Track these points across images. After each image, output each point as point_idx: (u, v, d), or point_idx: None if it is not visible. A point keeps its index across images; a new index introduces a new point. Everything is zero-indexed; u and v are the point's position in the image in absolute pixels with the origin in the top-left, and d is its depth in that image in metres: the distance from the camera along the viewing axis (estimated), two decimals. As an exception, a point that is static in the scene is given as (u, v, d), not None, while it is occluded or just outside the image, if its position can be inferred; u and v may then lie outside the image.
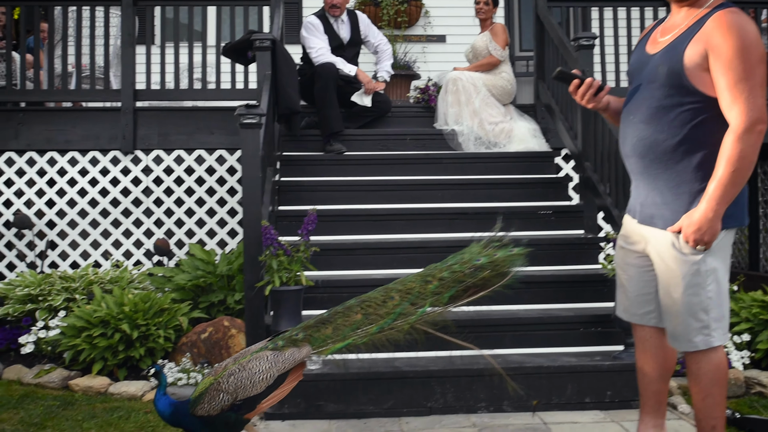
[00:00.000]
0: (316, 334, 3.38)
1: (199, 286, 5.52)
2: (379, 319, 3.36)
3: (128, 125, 6.53)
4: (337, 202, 5.77)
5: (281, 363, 3.27)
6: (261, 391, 3.24)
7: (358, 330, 3.36)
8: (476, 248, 3.50)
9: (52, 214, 6.53)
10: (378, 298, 3.45)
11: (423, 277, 3.44)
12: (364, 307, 3.42)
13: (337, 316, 3.44)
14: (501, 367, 4.14)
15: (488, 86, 6.84)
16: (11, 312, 5.44)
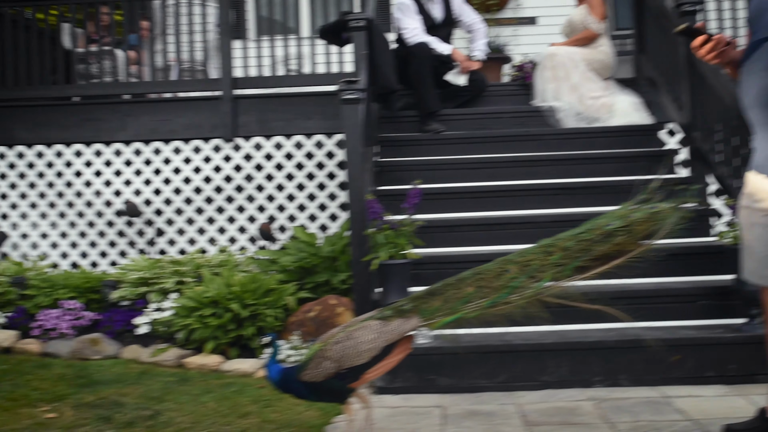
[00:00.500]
0: (425, 306, 3.29)
1: (303, 268, 5.59)
2: (493, 292, 3.22)
3: (228, 113, 6.66)
4: (436, 181, 5.74)
5: (387, 333, 3.23)
6: (366, 361, 3.21)
7: (469, 303, 3.24)
8: (613, 213, 3.26)
9: (160, 202, 6.72)
10: (493, 270, 3.29)
11: (544, 248, 3.24)
12: (477, 280, 3.28)
13: (447, 288, 3.33)
14: (616, 339, 4.08)
15: (587, 60, 6.69)
16: (126, 295, 5.63)
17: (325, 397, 3.36)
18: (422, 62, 6.37)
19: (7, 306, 5.76)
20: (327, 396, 3.34)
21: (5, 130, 6.87)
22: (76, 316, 5.52)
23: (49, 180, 6.83)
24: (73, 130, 6.80)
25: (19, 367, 4.94)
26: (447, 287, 3.33)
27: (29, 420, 3.94)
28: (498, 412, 3.76)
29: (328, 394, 3.31)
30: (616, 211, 3.25)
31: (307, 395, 3.33)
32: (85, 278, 5.89)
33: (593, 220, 3.27)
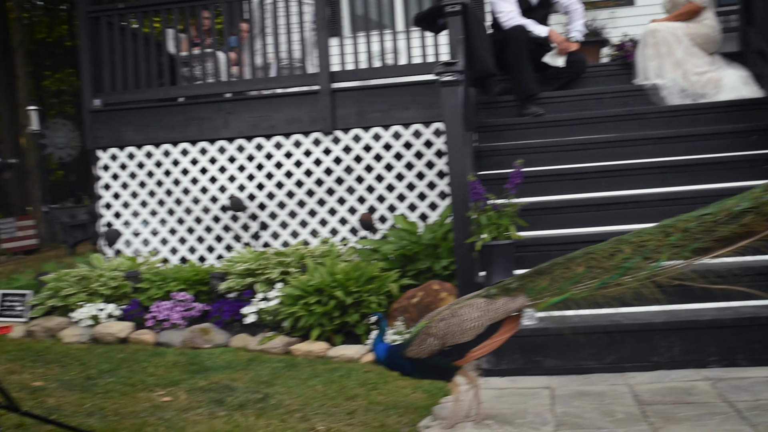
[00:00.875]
0: (532, 285, 3.24)
1: (405, 255, 5.60)
2: (604, 273, 3.13)
3: (327, 107, 6.74)
4: (537, 164, 5.64)
5: (492, 312, 3.20)
6: (470, 339, 3.19)
7: (578, 284, 3.16)
8: (744, 195, 3.09)
9: (263, 197, 6.87)
10: (605, 250, 3.19)
11: (662, 228, 3.14)
12: (588, 260, 3.20)
13: (556, 267, 3.26)
14: (732, 318, 3.91)
15: (690, 35, 6.43)
16: (233, 286, 5.78)
17: (429, 374, 3.36)
18: (519, 45, 6.28)
19: (122, 299, 6.00)
20: (432, 373, 3.34)
21: (116, 132, 7.16)
22: (187, 307, 5.70)
23: (158, 179, 7.08)
24: (178, 130, 7.03)
25: (135, 355, 5.14)
26: (555, 266, 3.27)
27: (147, 403, 4.10)
28: (608, 392, 3.66)
29: (433, 371, 3.32)
30: (748, 193, 3.09)
31: (412, 372, 3.34)
32: (194, 271, 6.08)
33: (721, 202, 3.12)
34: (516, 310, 3.24)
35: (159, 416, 3.84)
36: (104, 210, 7.16)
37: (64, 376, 4.72)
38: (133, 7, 7.36)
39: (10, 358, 5.15)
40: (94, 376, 4.69)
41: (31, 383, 4.59)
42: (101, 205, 7.18)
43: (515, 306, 3.22)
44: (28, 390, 4.44)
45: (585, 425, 3.17)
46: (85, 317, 5.72)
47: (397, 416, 3.63)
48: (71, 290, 5.96)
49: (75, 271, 6.17)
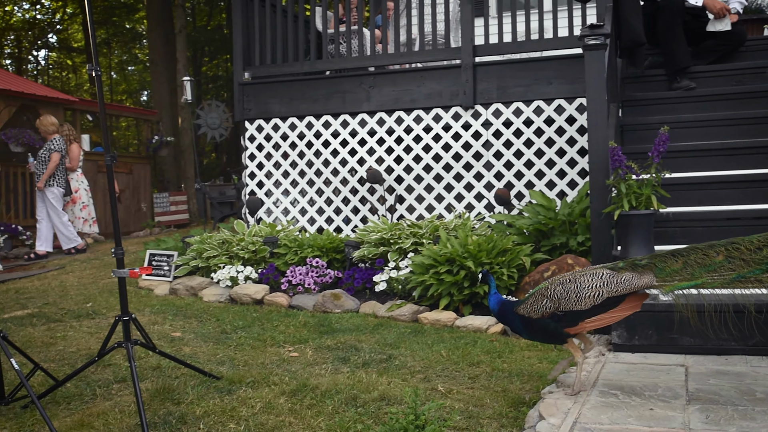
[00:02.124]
0: (662, 265, 3.05)
1: (539, 231, 5.46)
2: (744, 266, 2.90)
3: (468, 81, 6.66)
4: (686, 139, 5.36)
5: (615, 285, 3.03)
6: (585, 308, 3.05)
7: (713, 273, 2.95)
8: None
9: (400, 170, 6.88)
10: (753, 242, 2.96)
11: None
12: (731, 250, 2.96)
13: (693, 251, 3.05)
14: None
15: None
16: (366, 254, 5.82)
17: (538, 335, 3.25)
18: (672, 16, 5.95)
19: (260, 263, 6.17)
20: (540, 335, 3.24)
21: (263, 104, 7.38)
22: (320, 273, 5.79)
23: (300, 150, 7.24)
24: (321, 103, 7.16)
25: (268, 315, 5.27)
26: (693, 251, 3.06)
27: (275, 357, 4.19)
28: (749, 373, 3.41)
29: (542, 333, 3.21)
30: None
31: (521, 330, 3.26)
32: (329, 239, 6.17)
33: None
34: (640, 288, 3.04)
35: (285, 368, 3.91)
36: (248, 179, 7.40)
37: (201, 329, 4.92)
38: (283, -18, 7.55)
39: (153, 311, 5.41)
40: (228, 330, 4.85)
41: (171, 333, 4.80)
42: (246, 175, 7.42)
43: (640, 283, 3.03)
44: (167, 339, 4.65)
45: (720, 402, 2.95)
46: (224, 278, 5.93)
47: (521, 383, 3.53)
48: (213, 252, 6.20)
49: (218, 236, 6.41)
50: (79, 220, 9.91)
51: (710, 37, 6.23)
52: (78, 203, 9.93)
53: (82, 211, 9.97)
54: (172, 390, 3.49)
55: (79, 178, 9.99)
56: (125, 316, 3.32)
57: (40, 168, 9.04)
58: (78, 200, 9.92)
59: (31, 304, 5.88)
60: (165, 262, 6.47)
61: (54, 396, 3.49)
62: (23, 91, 11.80)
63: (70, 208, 9.76)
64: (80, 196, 9.93)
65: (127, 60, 28.99)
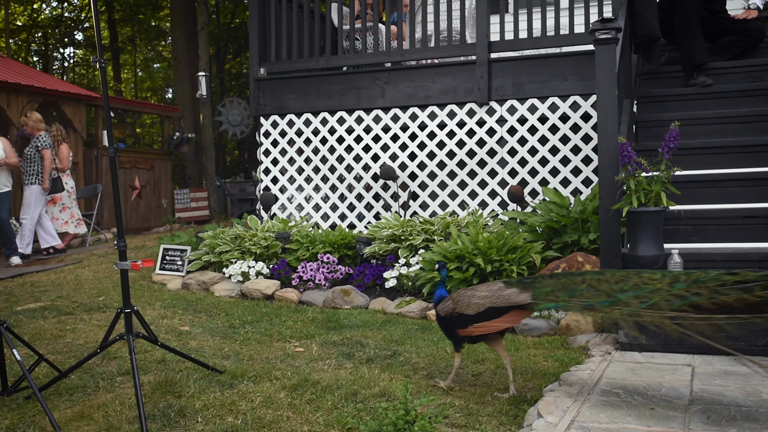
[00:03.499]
0: (539, 286, 3.27)
1: (551, 228, 5.41)
2: (597, 296, 3.07)
3: (483, 77, 6.61)
4: (701, 136, 5.29)
5: (496, 298, 3.29)
6: (472, 314, 3.33)
7: (573, 298, 3.13)
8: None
9: (414, 167, 6.84)
10: (615, 277, 3.14)
11: (674, 276, 3.00)
12: (594, 280, 3.15)
13: (565, 277, 3.28)
14: None
15: None
16: (377, 251, 5.80)
17: (444, 331, 3.55)
18: (689, 11, 5.88)
19: (272, 258, 6.17)
20: (445, 331, 3.54)
21: (279, 99, 7.38)
22: (331, 269, 5.78)
23: (315, 146, 7.23)
24: (336, 99, 7.14)
25: (277, 311, 5.27)
26: (568, 276, 3.30)
27: (280, 352, 4.18)
28: (756, 374, 3.34)
29: (446, 330, 3.52)
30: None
31: (438, 324, 3.57)
32: (341, 235, 6.16)
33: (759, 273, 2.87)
34: (517, 304, 3.25)
35: (289, 363, 3.90)
36: (263, 175, 7.41)
37: (209, 324, 4.92)
38: (299, -22, 7.54)
39: (164, 305, 5.43)
40: (237, 325, 4.85)
41: (180, 327, 4.82)
42: (260, 171, 7.43)
43: (518, 300, 3.26)
44: (174, 332, 4.66)
45: (724, 402, 2.90)
46: (235, 273, 5.94)
47: (524, 381, 3.49)
48: (225, 247, 6.21)
49: (231, 231, 6.43)
50: (57, 221, 9.83)
51: (728, 33, 6.14)
52: (58, 204, 9.85)
53: (62, 213, 9.89)
54: (174, 383, 3.50)
55: (64, 179, 9.92)
56: (127, 309, 3.32)
57: (27, 166, 8.98)
58: (58, 201, 9.84)
59: (44, 297, 5.93)
60: (178, 257, 6.50)
61: (57, 387, 3.51)
62: (46, 87, 11.91)
63: (49, 208, 9.69)
64: (61, 197, 9.85)
65: (152, 57, 29.19)
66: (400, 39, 7.29)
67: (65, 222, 9.88)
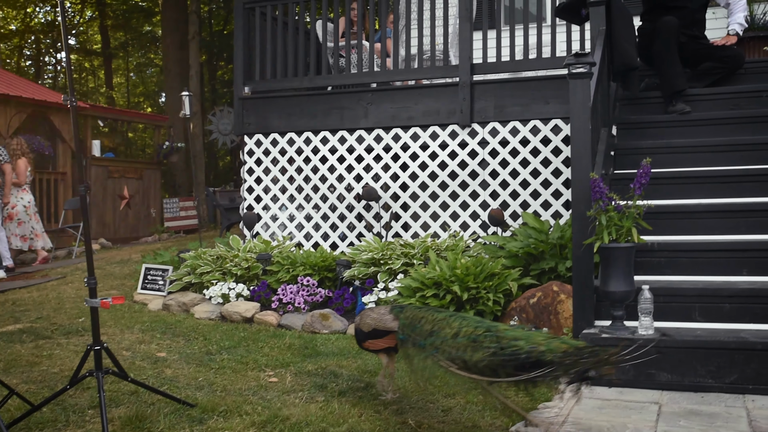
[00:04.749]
0: (404, 315, 3.64)
1: (530, 254, 5.44)
2: (420, 337, 3.42)
3: (465, 99, 6.64)
4: (678, 165, 5.32)
5: (378, 321, 3.72)
6: (366, 332, 3.79)
7: (414, 331, 3.49)
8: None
9: (396, 188, 6.87)
10: (444, 320, 3.42)
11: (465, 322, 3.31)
12: (436, 322, 3.43)
13: (426, 311, 3.61)
14: None
15: None
16: (356, 274, 5.82)
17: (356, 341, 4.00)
18: (668, 38, 5.92)
19: (253, 280, 6.20)
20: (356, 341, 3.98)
21: (263, 118, 7.41)
22: (311, 292, 5.80)
23: (298, 165, 7.26)
24: (320, 118, 7.17)
25: (255, 335, 5.29)
26: (426, 310, 3.63)
27: (254, 382, 4.19)
28: (721, 414, 3.37)
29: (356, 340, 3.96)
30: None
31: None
32: (322, 257, 6.18)
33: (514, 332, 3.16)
34: (391, 329, 3.64)
35: (261, 395, 3.92)
36: (246, 194, 7.43)
37: (186, 349, 4.94)
38: None
39: (143, 329, 5.45)
40: (213, 351, 4.87)
41: (156, 353, 4.83)
42: (244, 189, 7.45)
43: (392, 326, 3.65)
44: (151, 359, 4.67)
45: (686, 446, 2.93)
46: (216, 295, 5.96)
47: (491, 418, 3.52)
48: (207, 268, 6.23)
49: (212, 251, 6.45)
50: (15, 237, 9.80)
51: (707, 59, 6.19)
52: (14, 219, 9.81)
53: (18, 228, 9.84)
54: (144, 418, 3.51)
55: (20, 194, 9.87)
56: (96, 346, 3.34)
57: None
58: (14, 216, 9.79)
59: (24, 318, 5.94)
60: (160, 277, 6.51)
61: (28, 421, 3.51)
62: (34, 98, 11.92)
63: (7, 224, 9.63)
64: (17, 212, 9.81)
65: (145, 63, 29.21)
66: (384, 56, 7.32)
67: (24, 237, 9.83)
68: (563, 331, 4.70)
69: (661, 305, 4.07)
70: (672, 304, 4.13)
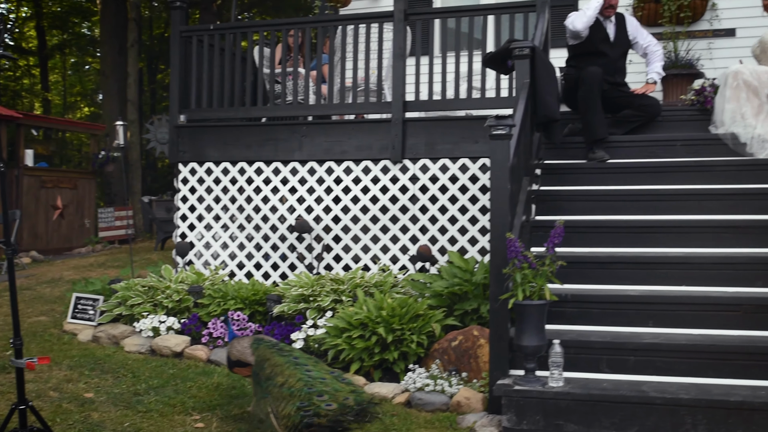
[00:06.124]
0: (257, 352, 4.26)
1: (455, 294, 5.64)
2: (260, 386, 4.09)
3: (398, 135, 6.82)
4: (595, 212, 5.59)
5: (241, 354, 4.33)
6: (233, 360, 4.41)
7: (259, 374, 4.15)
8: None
9: (329, 220, 7.02)
10: (284, 365, 4.02)
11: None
12: (271, 364, 4.09)
13: (271, 349, 4.27)
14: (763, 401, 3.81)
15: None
16: (286, 310, 5.95)
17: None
18: (591, 87, 6.20)
19: (184, 312, 6.27)
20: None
21: (198, 147, 7.47)
22: (241, 327, 5.91)
23: (232, 195, 7.35)
24: (255, 149, 7.27)
25: (184, 372, 5.38)
26: (273, 351, 4.22)
27: (180, 428, 4.31)
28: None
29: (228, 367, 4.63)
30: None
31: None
32: (253, 290, 6.28)
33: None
34: (249, 363, 4.27)
35: (186, 444, 4.03)
36: (180, 221, 7.49)
37: (115, 388, 5.01)
38: (223, 28, 7.69)
39: (71, 365, 5.48)
40: (141, 392, 4.94)
41: (84, 394, 4.88)
42: (177, 217, 7.50)
43: (249, 359, 4.28)
44: (78, 401, 4.73)
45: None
46: (146, 328, 6.02)
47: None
48: (137, 300, 6.28)
49: (144, 281, 6.49)
50: None
51: (627, 106, 6.49)
52: None
53: None
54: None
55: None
56: (21, 405, 3.41)
57: None
58: None
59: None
60: (90, 306, 6.52)
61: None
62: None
63: None
64: None
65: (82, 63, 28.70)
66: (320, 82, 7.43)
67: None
68: (482, 375, 4.90)
69: (572, 357, 4.30)
70: (581, 355, 4.37)
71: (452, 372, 4.99)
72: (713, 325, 4.50)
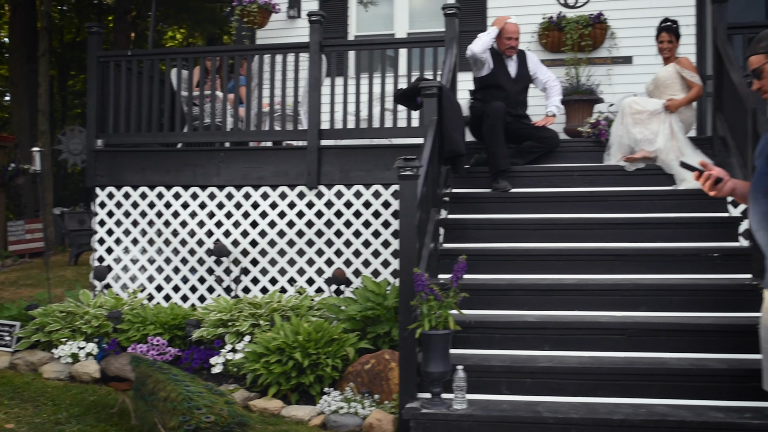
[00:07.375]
0: (137, 369, 4.74)
1: (368, 317, 5.94)
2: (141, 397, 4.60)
3: (313, 162, 7.09)
4: (499, 240, 5.99)
5: (120, 370, 4.82)
6: (109, 375, 4.90)
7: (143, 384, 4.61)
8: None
9: (246, 244, 7.24)
10: (164, 382, 4.46)
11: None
12: (156, 379, 4.53)
13: (150, 365, 4.74)
14: (642, 419, 4.23)
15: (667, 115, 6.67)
16: (206, 335, 6.15)
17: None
18: (495, 122, 6.61)
19: (104, 338, 6.38)
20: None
21: (115, 171, 7.57)
22: (161, 352, 6.08)
23: (150, 219, 7.48)
24: (173, 174, 7.42)
25: (105, 399, 5.51)
26: (155, 369, 4.68)
27: (103, 457, 4.46)
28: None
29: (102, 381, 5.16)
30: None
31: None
32: (172, 315, 6.44)
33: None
34: (128, 378, 4.76)
35: (110, 474, 4.21)
36: (97, 245, 7.57)
37: (35, 418, 5.11)
38: (141, 54, 7.81)
39: (-10, 394, 5.54)
40: (63, 421, 5.06)
41: (5, 425, 4.97)
42: (95, 240, 7.58)
43: (128, 376, 4.77)
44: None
45: None
46: (65, 354, 6.11)
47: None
48: (56, 326, 6.36)
49: (62, 306, 6.57)
50: None
51: (528, 138, 6.94)
52: None
53: None
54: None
55: None
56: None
57: None
58: None
59: None
60: (7, 332, 6.57)
61: None
62: None
63: None
64: None
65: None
66: (237, 104, 7.63)
67: None
68: (393, 397, 5.22)
69: (475, 380, 4.64)
70: (483, 378, 4.72)
71: (365, 394, 5.29)
72: (601, 348, 4.91)
